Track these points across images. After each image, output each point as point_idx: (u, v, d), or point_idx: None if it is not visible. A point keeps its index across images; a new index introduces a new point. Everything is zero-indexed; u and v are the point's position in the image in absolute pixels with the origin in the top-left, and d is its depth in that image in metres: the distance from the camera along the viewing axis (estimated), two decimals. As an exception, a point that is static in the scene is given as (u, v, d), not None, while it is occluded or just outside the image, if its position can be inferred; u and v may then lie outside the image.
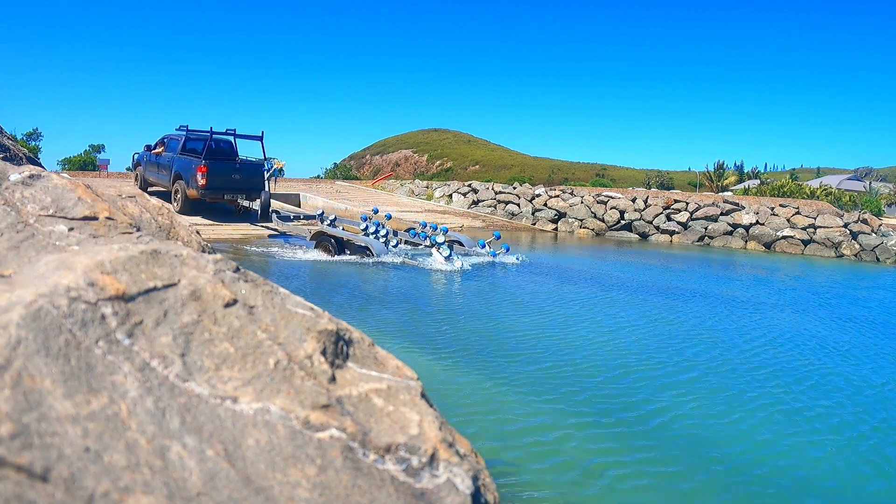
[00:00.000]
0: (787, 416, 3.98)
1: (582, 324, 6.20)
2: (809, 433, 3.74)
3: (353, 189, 24.66)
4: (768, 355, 5.40)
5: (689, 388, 4.36)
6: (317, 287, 7.54)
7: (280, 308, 1.39)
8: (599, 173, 61.65)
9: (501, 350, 5.02)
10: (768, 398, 4.28)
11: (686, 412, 3.93)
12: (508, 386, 4.17)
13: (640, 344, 5.50)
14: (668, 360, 5.04)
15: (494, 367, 4.55)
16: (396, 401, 1.31)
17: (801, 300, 8.73)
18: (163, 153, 14.12)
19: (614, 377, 4.52)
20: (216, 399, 1.11)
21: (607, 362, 4.88)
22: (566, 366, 4.71)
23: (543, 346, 5.23)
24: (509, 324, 6.01)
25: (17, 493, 0.80)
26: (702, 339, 5.89)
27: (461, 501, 1.16)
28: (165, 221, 2.43)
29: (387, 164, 77.62)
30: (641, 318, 6.60)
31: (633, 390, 4.25)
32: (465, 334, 5.46)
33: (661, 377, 4.58)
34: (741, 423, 3.82)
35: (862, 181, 49.09)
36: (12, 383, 0.93)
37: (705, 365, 4.99)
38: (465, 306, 6.81)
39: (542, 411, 3.76)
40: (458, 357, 4.74)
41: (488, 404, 3.81)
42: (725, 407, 4.07)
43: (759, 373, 4.88)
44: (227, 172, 12.90)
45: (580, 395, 4.09)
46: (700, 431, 3.65)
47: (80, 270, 1.18)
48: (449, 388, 4.02)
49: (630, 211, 18.89)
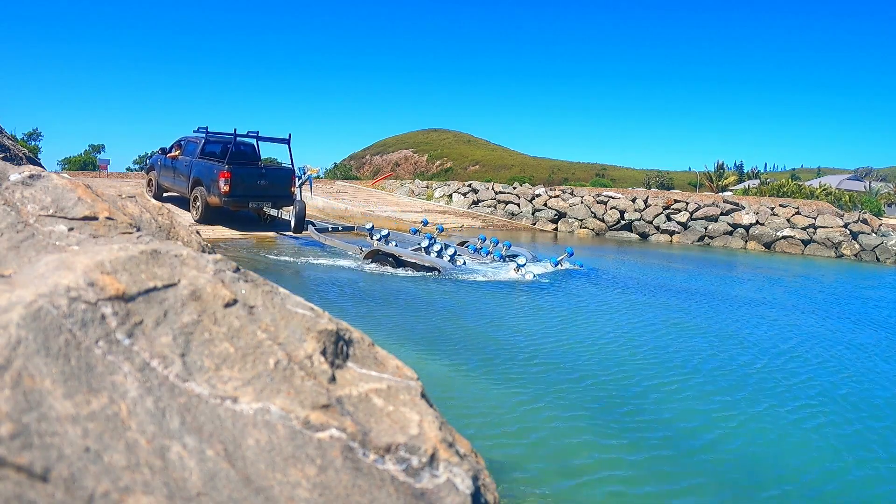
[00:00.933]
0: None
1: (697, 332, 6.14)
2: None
3: (353, 189, 24.65)
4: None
5: (733, 399, 4.27)
6: (408, 312, 6.34)
7: (280, 308, 1.39)
8: (599, 173, 61.69)
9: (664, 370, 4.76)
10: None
11: (710, 423, 3.86)
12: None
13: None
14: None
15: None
16: (396, 401, 1.31)
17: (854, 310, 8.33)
18: (179, 157, 13.00)
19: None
20: (216, 399, 1.11)
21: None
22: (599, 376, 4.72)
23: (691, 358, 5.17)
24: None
25: (17, 493, 0.80)
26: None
27: (461, 501, 1.16)
28: (165, 221, 2.43)
29: (387, 164, 77.64)
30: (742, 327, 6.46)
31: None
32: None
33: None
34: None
35: (862, 181, 49.12)
36: (12, 383, 0.93)
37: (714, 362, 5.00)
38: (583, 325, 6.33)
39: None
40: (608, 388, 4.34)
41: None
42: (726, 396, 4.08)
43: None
44: (252, 178, 11.88)
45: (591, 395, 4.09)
46: (720, 436, 3.65)
47: (80, 270, 1.18)
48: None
49: (630, 211, 18.89)
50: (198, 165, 12.20)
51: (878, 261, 15.76)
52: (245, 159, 12.56)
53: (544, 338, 5.55)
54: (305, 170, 12.00)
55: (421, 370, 1.51)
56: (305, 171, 11.99)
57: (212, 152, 12.53)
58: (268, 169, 12.48)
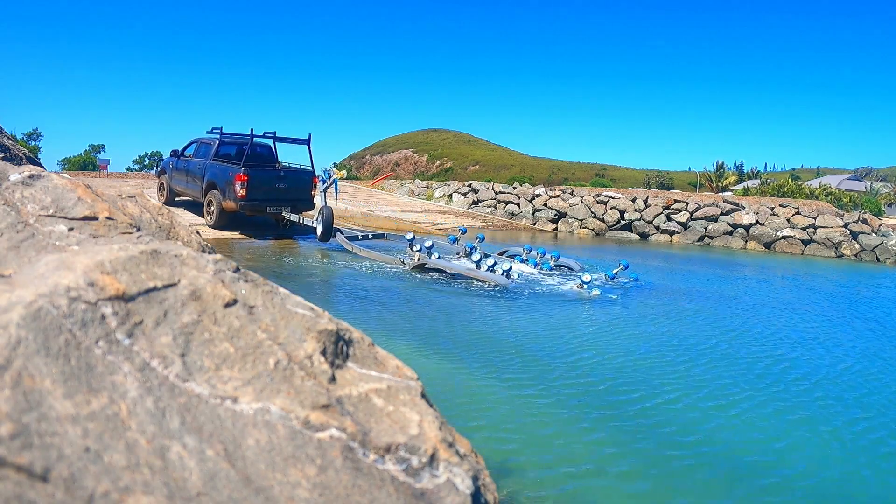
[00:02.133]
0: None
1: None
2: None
3: (353, 189, 24.65)
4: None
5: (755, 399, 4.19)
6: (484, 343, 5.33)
7: (280, 308, 1.39)
8: (599, 173, 61.68)
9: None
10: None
11: (720, 423, 3.78)
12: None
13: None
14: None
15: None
16: (396, 401, 1.31)
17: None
18: (193, 159, 12.28)
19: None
20: (216, 399, 1.11)
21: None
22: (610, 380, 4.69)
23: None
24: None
25: (17, 493, 0.80)
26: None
27: (461, 501, 1.16)
28: (165, 221, 2.43)
29: (387, 164, 77.62)
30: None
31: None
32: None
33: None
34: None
35: (862, 181, 49.13)
36: (12, 383, 0.93)
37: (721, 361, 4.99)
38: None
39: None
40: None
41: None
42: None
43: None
44: (270, 181, 11.15)
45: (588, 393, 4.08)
46: (729, 438, 3.64)
47: (80, 270, 1.18)
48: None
49: (630, 211, 18.89)
50: (212, 168, 11.49)
51: (879, 261, 15.76)
52: (262, 161, 11.87)
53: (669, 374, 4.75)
54: (331, 173, 10.99)
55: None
56: (331, 174, 10.97)
57: (227, 154, 11.90)
58: (287, 171, 11.72)
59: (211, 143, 11.97)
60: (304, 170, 11.90)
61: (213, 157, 11.67)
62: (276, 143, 12.17)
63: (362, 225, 13.97)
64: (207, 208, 11.58)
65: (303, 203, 11.59)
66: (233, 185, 10.79)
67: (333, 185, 10.91)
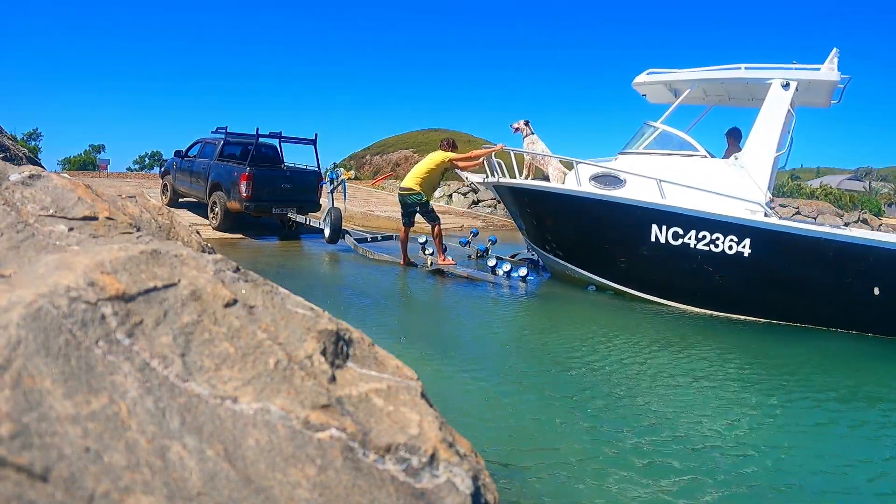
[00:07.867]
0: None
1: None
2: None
3: (352, 189, 24.56)
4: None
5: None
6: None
7: (280, 308, 1.39)
8: (599, 173, 61.46)
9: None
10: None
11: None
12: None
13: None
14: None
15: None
16: (396, 401, 1.31)
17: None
18: (197, 159, 12.17)
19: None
20: (216, 399, 1.11)
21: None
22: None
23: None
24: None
25: (17, 493, 0.80)
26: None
27: (461, 501, 1.16)
28: (165, 221, 2.43)
29: (387, 164, 77.47)
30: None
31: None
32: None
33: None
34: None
35: (862, 181, 49.14)
36: (12, 383, 0.93)
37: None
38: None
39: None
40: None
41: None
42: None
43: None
44: (276, 181, 11.06)
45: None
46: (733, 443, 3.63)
47: (80, 270, 1.18)
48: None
49: (630, 211, 18.84)
50: (216, 168, 11.35)
51: (878, 261, 15.72)
52: (267, 161, 11.76)
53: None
54: (339, 174, 10.84)
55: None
56: (339, 175, 10.80)
57: (232, 154, 11.73)
58: (293, 171, 11.66)
59: (215, 143, 11.83)
60: (310, 170, 11.80)
61: (218, 158, 11.52)
62: (281, 143, 12.03)
63: (362, 225, 13.93)
64: (211, 209, 11.40)
65: (309, 204, 11.45)
66: (237, 185, 10.62)
67: (342, 186, 10.82)
